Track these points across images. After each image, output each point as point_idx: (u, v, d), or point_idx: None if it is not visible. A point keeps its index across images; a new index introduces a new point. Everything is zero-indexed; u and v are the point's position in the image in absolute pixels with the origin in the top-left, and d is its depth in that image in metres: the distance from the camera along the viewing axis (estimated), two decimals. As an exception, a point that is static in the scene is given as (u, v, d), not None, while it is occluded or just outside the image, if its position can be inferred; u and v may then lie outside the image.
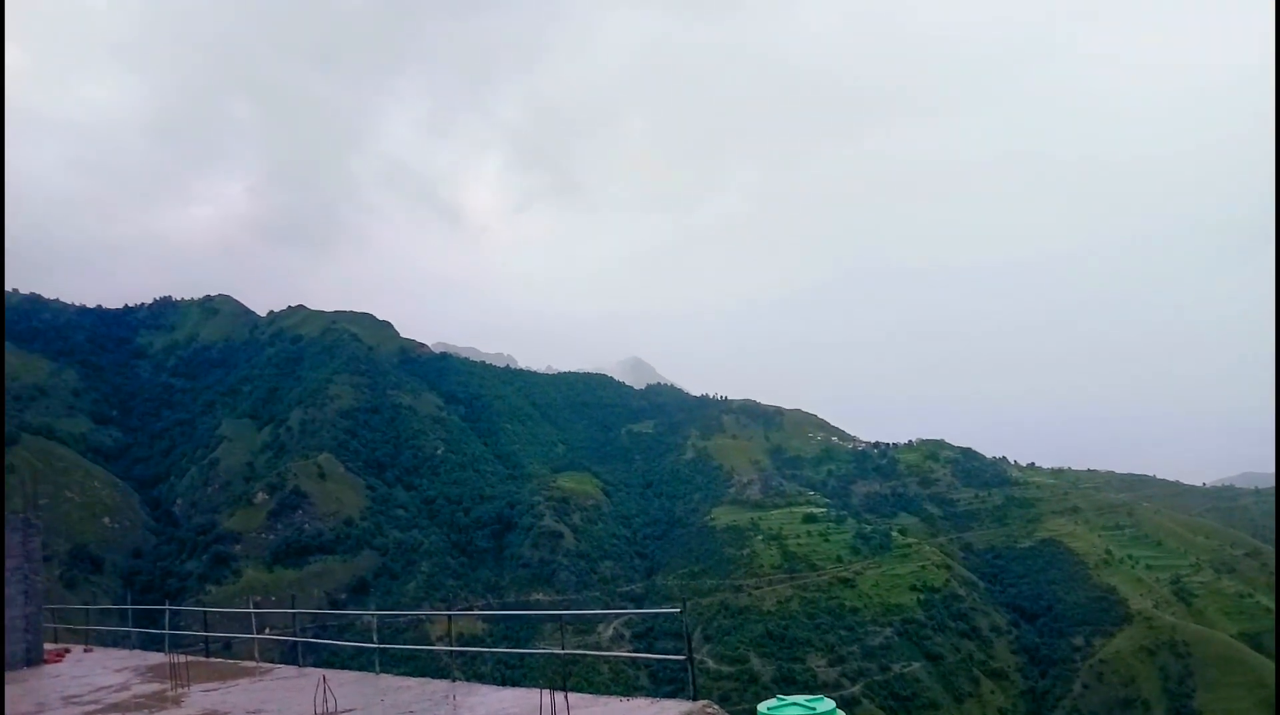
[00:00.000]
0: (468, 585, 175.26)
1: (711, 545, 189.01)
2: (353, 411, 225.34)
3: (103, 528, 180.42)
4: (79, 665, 20.53)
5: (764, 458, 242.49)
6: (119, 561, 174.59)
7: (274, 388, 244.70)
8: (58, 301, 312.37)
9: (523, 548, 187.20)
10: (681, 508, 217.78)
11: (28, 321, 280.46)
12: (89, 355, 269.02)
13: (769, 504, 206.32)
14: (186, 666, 17.51)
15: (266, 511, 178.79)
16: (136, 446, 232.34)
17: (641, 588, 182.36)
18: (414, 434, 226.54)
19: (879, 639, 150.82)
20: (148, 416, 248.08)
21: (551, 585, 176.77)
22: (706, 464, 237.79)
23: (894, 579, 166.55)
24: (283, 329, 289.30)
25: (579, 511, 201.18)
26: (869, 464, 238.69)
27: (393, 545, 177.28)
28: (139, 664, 19.72)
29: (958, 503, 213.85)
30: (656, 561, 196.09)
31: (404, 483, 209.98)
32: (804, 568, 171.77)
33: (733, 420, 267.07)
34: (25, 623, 20.97)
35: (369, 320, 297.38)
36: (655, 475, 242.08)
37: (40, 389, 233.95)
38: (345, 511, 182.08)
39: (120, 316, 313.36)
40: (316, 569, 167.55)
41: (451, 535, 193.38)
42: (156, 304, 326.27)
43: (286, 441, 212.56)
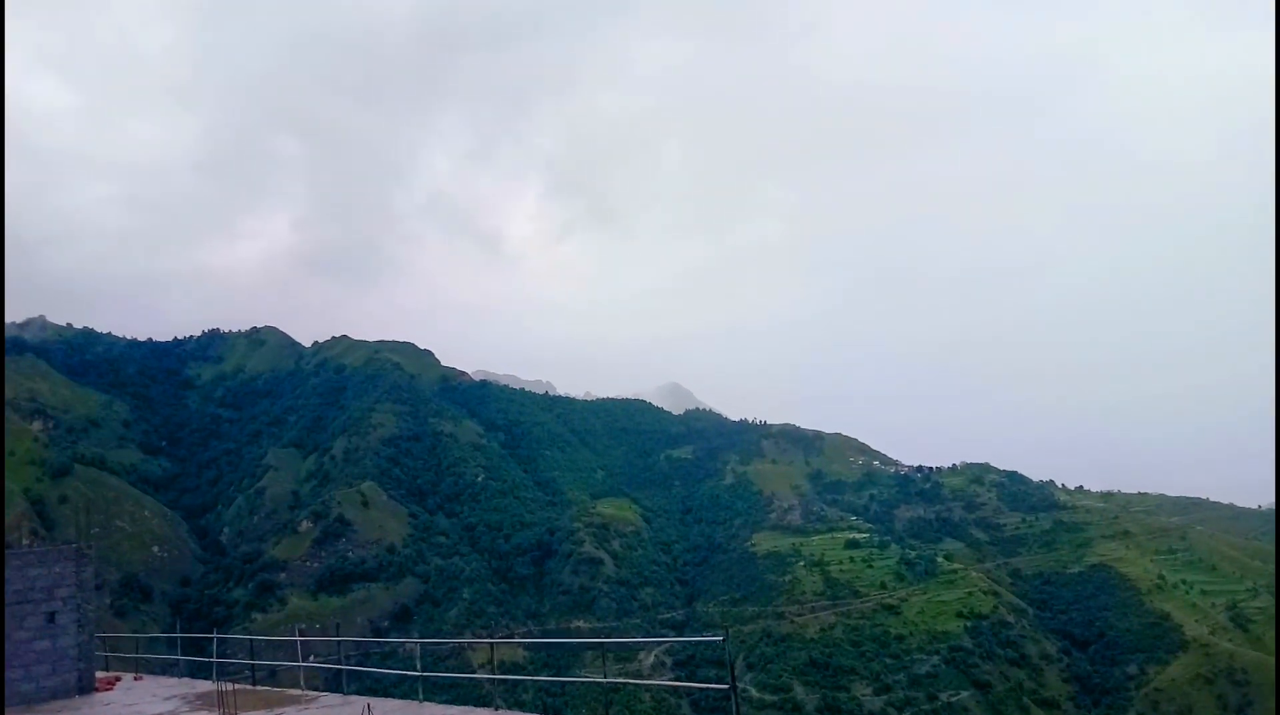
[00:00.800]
0: (508, 612, 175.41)
1: (752, 571, 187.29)
2: (395, 440, 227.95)
3: (152, 556, 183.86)
4: (130, 693, 21.01)
5: (804, 483, 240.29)
6: (168, 590, 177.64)
7: (318, 417, 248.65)
8: (110, 335, 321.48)
9: (563, 574, 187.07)
10: (721, 534, 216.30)
11: (81, 355, 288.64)
12: (140, 387, 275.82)
13: (810, 529, 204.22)
14: (234, 695, 17.89)
15: (311, 540, 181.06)
16: (185, 476, 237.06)
17: (682, 615, 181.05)
18: (455, 461, 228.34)
19: (926, 667, 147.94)
20: (196, 446, 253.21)
21: (592, 612, 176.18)
22: (746, 489, 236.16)
23: (940, 606, 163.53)
24: (327, 359, 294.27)
25: (618, 538, 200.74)
26: (912, 488, 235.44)
27: (434, 572, 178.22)
28: (188, 692, 20.15)
29: (1004, 527, 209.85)
30: (697, 588, 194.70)
31: (445, 510, 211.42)
32: (847, 594, 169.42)
33: (772, 445, 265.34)
34: (78, 651, 21.53)
35: (410, 349, 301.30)
36: (694, 501, 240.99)
37: (93, 421, 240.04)
38: (388, 539, 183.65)
39: (170, 349, 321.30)
40: (360, 596, 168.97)
41: (492, 562, 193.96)
42: (205, 336, 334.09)
43: (331, 470, 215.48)
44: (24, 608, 20.81)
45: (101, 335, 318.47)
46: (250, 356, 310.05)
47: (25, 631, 20.75)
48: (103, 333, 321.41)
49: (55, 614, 21.24)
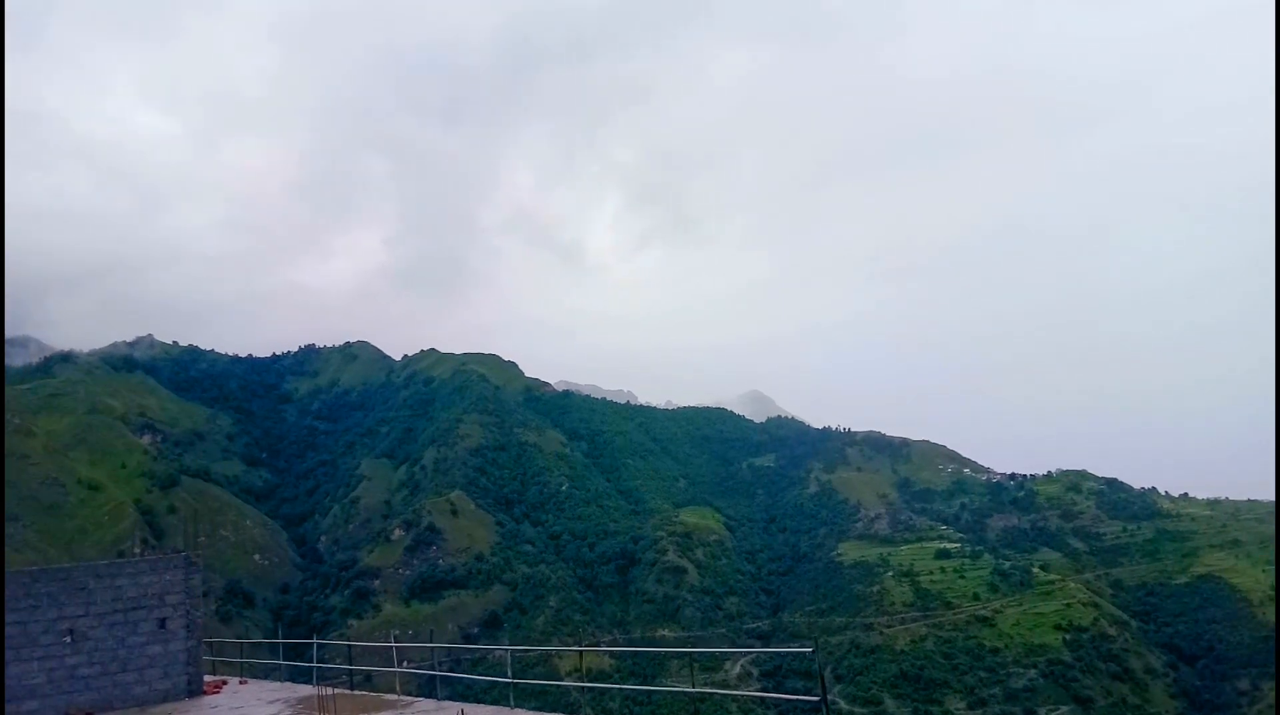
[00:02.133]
0: (594, 620, 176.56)
1: (839, 581, 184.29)
2: (482, 449, 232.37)
3: (254, 564, 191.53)
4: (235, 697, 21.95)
5: (891, 491, 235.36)
6: (269, 596, 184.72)
7: (409, 428, 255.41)
8: (213, 352, 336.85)
9: (647, 583, 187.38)
10: (806, 543, 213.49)
11: (186, 372, 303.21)
12: (241, 401, 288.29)
13: (898, 539, 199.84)
14: (334, 699, 18.58)
15: (403, 547, 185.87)
16: (284, 486, 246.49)
17: (768, 625, 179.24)
18: (539, 471, 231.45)
19: (1022, 681, 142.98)
20: (294, 458, 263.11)
21: (676, 621, 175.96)
22: (831, 498, 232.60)
23: (1037, 618, 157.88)
24: (416, 372, 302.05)
25: (702, 547, 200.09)
26: (1005, 496, 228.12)
27: (521, 580, 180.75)
28: (290, 696, 20.97)
29: (1104, 537, 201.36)
30: (782, 598, 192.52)
31: (531, 518, 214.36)
32: (938, 605, 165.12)
33: (857, 452, 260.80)
34: (187, 656, 22.61)
35: (495, 361, 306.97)
36: (778, 509, 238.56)
37: (198, 434, 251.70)
38: (476, 547, 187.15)
39: (269, 364, 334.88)
40: (450, 603, 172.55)
41: (577, 570, 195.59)
42: (301, 352, 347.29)
43: (421, 480, 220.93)
44: (137, 614, 21.94)
45: (205, 352, 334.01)
46: (344, 370, 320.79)
47: (139, 636, 21.86)
48: (206, 350, 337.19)
49: (166, 620, 22.31)
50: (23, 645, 20.38)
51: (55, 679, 20.63)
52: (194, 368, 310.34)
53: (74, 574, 21.65)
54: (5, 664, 19.97)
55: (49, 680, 20.57)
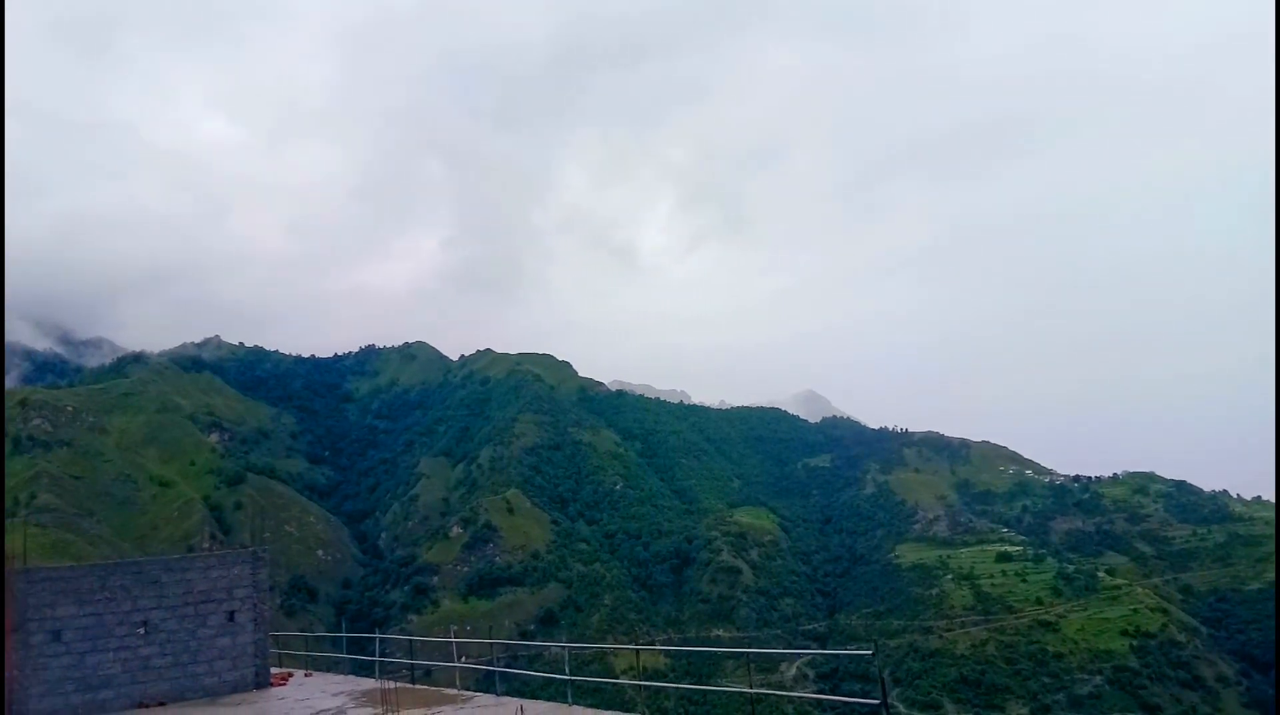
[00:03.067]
0: (648, 619, 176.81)
1: (897, 584, 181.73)
2: (536, 448, 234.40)
3: (317, 560, 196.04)
4: (301, 689, 22.47)
5: (950, 492, 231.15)
6: (332, 591, 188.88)
7: (465, 427, 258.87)
8: (277, 352, 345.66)
9: (701, 583, 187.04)
10: (863, 544, 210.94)
11: (252, 371, 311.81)
12: (305, 401, 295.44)
13: (958, 541, 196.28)
14: (396, 693, 18.92)
15: (461, 545, 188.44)
16: (346, 484, 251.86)
17: (824, 627, 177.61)
18: (594, 470, 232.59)
19: (1087, 688, 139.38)
20: (355, 456, 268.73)
21: (731, 621, 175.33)
22: (888, 499, 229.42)
23: (1102, 623, 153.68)
24: (473, 372, 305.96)
25: (756, 547, 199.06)
26: (1069, 499, 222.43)
27: (576, 578, 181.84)
28: (353, 689, 21.41)
29: (1173, 541, 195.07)
30: (839, 600, 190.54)
31: (585, 517, 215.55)
32: (1000, 609, 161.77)
33: (915, 453, 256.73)
34: (254, 648, 23.22)
35: (550, 361, 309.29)
36: (834, 510, 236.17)
37: (263, 433, 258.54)
38: (532, 545, 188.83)
39: (330, 364, 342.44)
40: (507, 600, 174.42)
41: (632, 569, 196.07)
42: (362, 352, 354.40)
43: (478, 478, 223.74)
44: (207, 607, 22.59)
45: (270, 353, 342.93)
46: (403, 370, 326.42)
47: (208, 629, 22.51)
48: (271, 350, 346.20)
49: (234, 613, 22.94)
50: (99, 636, 21.09)
51: (130, 669, 21.32)
52: (259, 368, 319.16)
53: (147, 568, 22.35)
54: (17, 664, 20.67)
55: (124, 670, 21.24)
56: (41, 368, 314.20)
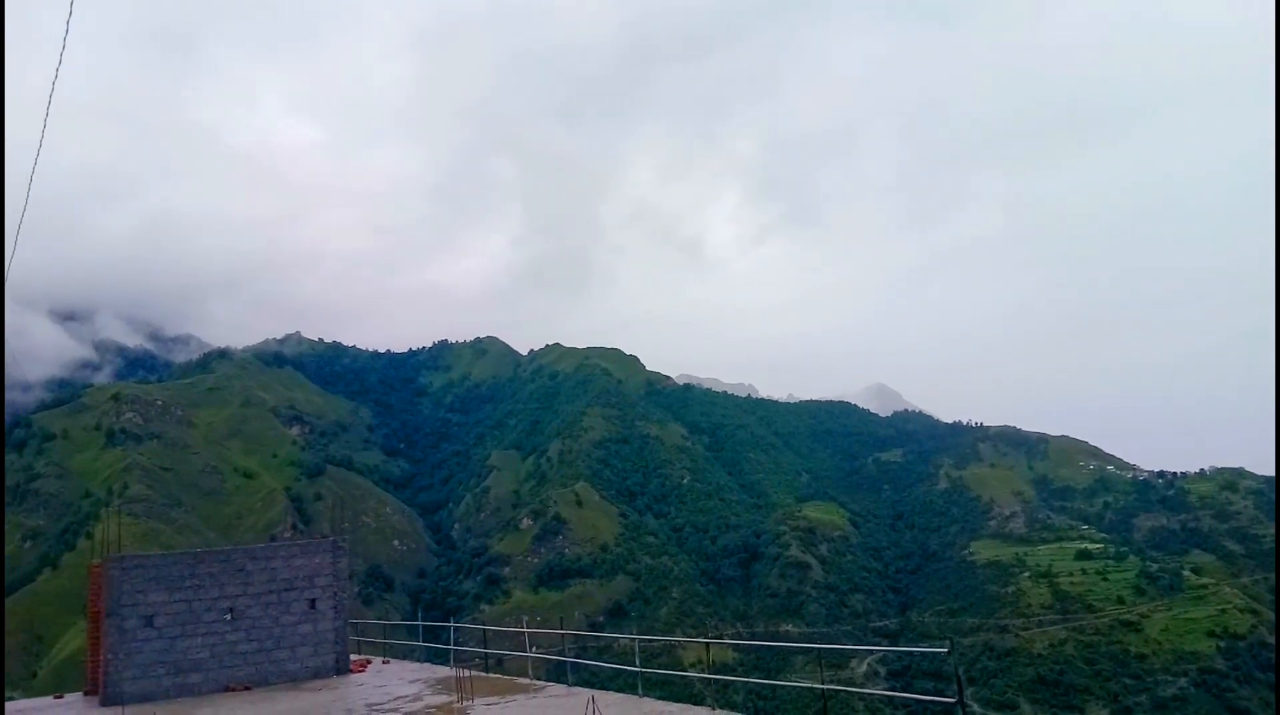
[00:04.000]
0: (716, 613, 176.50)
1: (971, 581, 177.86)
2: (605, 442, 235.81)
3: (393, 550, 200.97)
4: (379, 675, 23.04)
5: (1027, 488, 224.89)
6: (407, 580, 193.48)
7: (535, 421, 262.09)
8: (354, 348, 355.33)
9: (770, 577, 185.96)
10: (936, 541, 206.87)
11: (330, 366, 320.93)
12: (380, 395, 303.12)
13: (1035, 538, 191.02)
14: (471, 681, 19.29)
15: (531, 536, 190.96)
16: (420, 475, 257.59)
17: (895, 624, 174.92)
18: (661, 463, 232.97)
19: (1171, 689, 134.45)
20: (429, 449, 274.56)
21: (800, 617, 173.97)
22: (962, 495, 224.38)
23: (1188, 623, 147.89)
24: (542, 366, 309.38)
25: (826, 542, 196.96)
26: (1153, 495, 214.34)
27: (645, 571, 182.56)
28: (429, 676, 21.88)
29: (1262, 539, 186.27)
30: (910, 597, 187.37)
31: (653, 511, 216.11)
32: (1079, 608, 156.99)
33: (990, 448, 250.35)
34: (335, 635, 23.89)
35: (617, 355, 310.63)
36: (906, 506, 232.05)
37: (342, 426, 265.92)
38: (601, 537, 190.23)
39: (405, 359, 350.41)
40: (577, 591, 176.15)
41: (700, 563, 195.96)
42: (435, 347, 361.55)
43: (547, 471, 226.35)
44: (289, 594, 23.33)
45: (347, 348, 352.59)
46: (475, 365, 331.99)
47: (291, 616, 23.25)
48: (348, 346, 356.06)
49: (315, 601, 23.64)
50: (188, 622, 21.95)
51: (217, 654, 22.14)
52: (337, 363, 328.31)
53: (233, 556, 23.19)
54: (112, 647, 21.57)
55: (212, 655, 22.06)
56: (133, 364, 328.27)
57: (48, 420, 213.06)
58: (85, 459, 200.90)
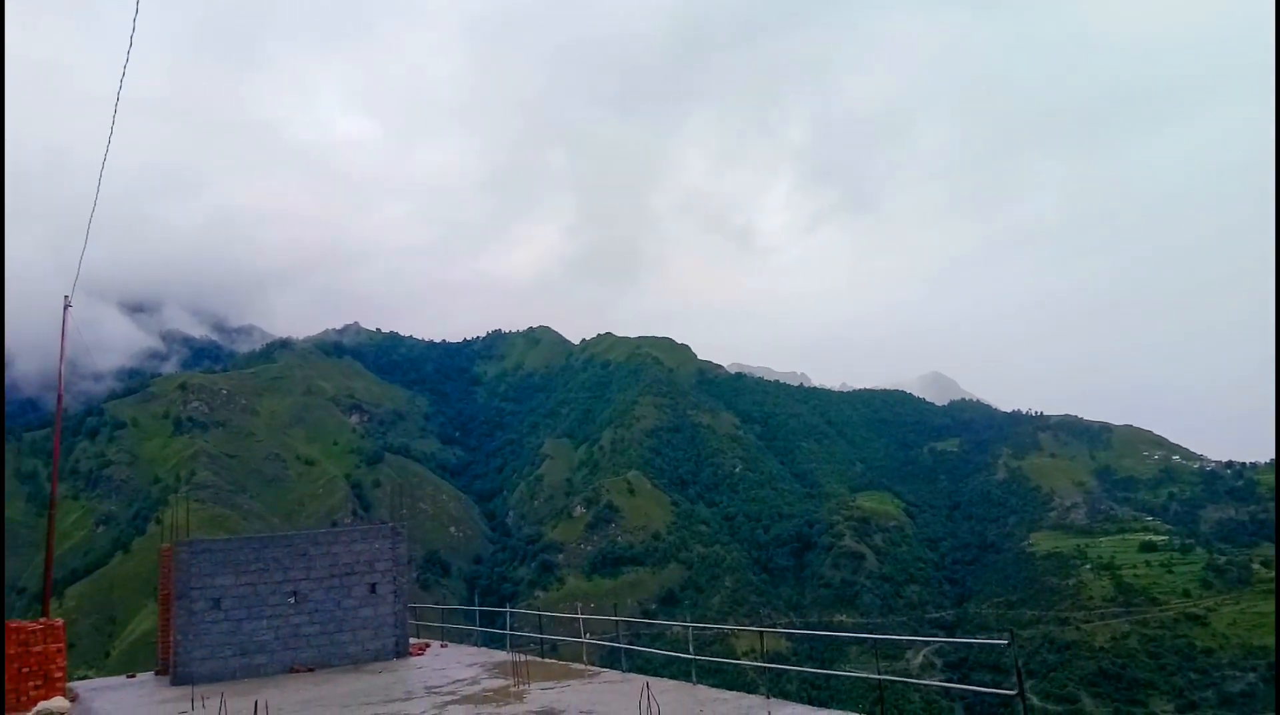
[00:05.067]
0: (769, 602, 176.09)
1: (1030, 573, 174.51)
2: (656, 431, 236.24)
3: (450, 536, 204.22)
4: (437, 659, 23.50)
5: (1089, 478, 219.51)
6: (463, 566, 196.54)
7: (588, 409, 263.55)
8: (411, 338, 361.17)
9: (823, 567, 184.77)
10: (994, 532, 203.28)
11: (388, 356, 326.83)
12: (436, 384, 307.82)
13: (1097, 530, 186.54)
14: (527, 665, 19.60)
15: (584, 524, 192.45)
16: (475, 463, 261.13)
17: (952, 615, 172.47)
18: (713, 452, 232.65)
19: (1239, 685, 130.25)
20: (484, 437, 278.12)
21: (854, 607, 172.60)
22: (1021, 485, 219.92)
23: (1257, 617, 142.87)
24: (594, 355, 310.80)
25: (880, 532, 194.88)
26: (1220, 486, 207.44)
27: (697, 560, 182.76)
28: (486, 660, 22.26)
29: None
30: (968, 588, 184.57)
31: (705, 499, 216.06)
32: (1143, 601, 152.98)
33: (1050, 437, 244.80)
34: (395, 619, 24.44)
35: (669, 344, 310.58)
36: (963, 496, 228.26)
37: (399, 414, 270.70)
38: (653, 526, 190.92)
39: (460, 349, 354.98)
40: (629, 579, 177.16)
41: (752, 552, 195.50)
42: (489, 337, 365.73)
43: (599, 459, 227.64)
44: (350, 579, 23.91)
45: (404, 338, 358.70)
46: (527, 354, 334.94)
47: (352, 600, 23.83)
48: (405, 336, 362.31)
49: (376, 585, 24.19)
50: (254, 605, 22.65)
51: (282, 636, 22.80)
52: (394, 352, 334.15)
53: (296, 541, 23.83)
54: (181, 629, 22.26)
55: (276, 637, 22.72)
56: (199, 354, 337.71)
57: (119, 409, 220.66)
58: (154, 446, 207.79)
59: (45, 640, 19.30)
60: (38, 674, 19.10)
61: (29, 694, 18.93)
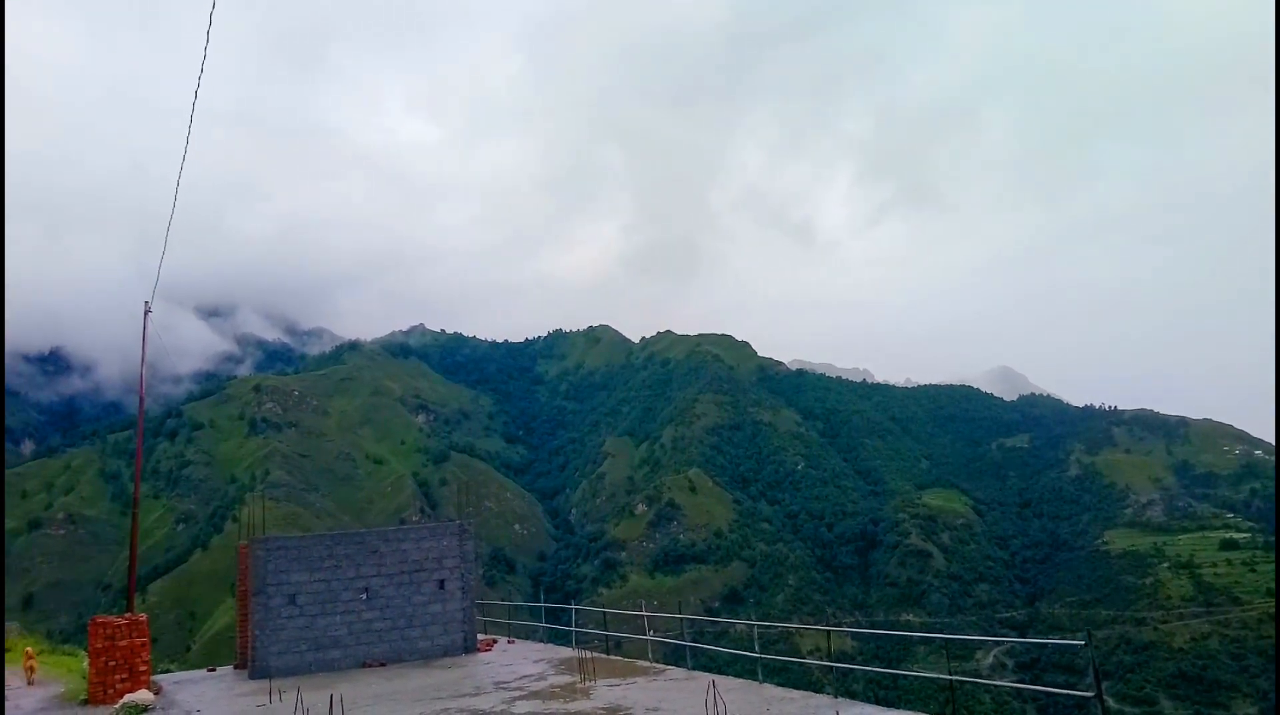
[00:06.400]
0: (834, 601, 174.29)
1: (1105, 572, 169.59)
2: (717, 428, 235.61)
3: (515, 534, 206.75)
4: (504, 655, 23.83)
5: (1166, 474, 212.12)
6: (528, 563, 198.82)
7: (648, 407, 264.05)
8: (474, 338, 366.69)
9: (889, 566, 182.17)
10: (1066, 530, 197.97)
11: (452, 357, 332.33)
12: (499, 383, 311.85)
13: (1175, 527, 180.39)
14: (593, 662, 19.77)
15: (646, 522, 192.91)
16: (538, 461, 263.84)
17: (1023, 615, 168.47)
18: (774, 450, 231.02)
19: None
20: (546, 435, 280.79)
21: (921, 606, 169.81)
22: (1094, 482, 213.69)
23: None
24: (654, 353, 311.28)
25: (948, 531, 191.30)
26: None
27: (760, 558, 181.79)
28: (552, 657, 22.51)
29: None
30: (1039, 587, 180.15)
31: (767, 497, 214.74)
32: (1224, 601, 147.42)
33: (1125, 432, 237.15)
34: (462, 615, 24.83)
35: (729, 341, 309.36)
36: (1033, 493, 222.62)
37: (464, 413, 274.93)
38: (715, 523, 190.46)
39: (521, 349, 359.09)
40: (692, 577, 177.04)
41: (815, 550, 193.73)
42: (549, 336, 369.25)
43: (660, 457, 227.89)
44: (420, 575, 24.39)
45: (468, 339, 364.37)
46: (588, 353, 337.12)
47: (422, 596, 24.30)
48: (469, 336, 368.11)
49: (444, 581, 24.63)
50: (327, 600, 23.24)
51: (354, 631, 23.35)
52: (459, 353, 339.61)
53: (367, 538, 24.39)
54: (258, 624, 22.89)
55: (349, 632, 23.28)
56: (272, 356, 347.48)
57: (196, 411, 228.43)
58: (230, 446, 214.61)
59: (130, 634, 20.06)
60: (123, 667, 19.85)
61: (115, 686, 19.69)
